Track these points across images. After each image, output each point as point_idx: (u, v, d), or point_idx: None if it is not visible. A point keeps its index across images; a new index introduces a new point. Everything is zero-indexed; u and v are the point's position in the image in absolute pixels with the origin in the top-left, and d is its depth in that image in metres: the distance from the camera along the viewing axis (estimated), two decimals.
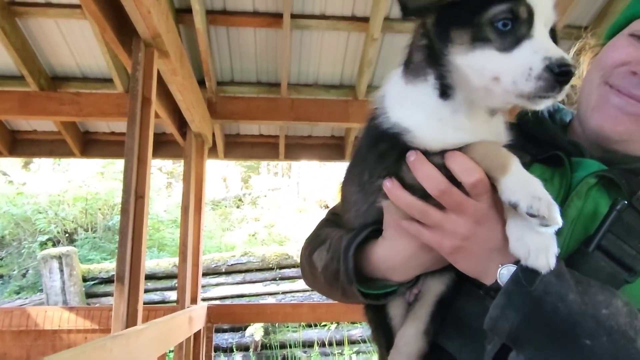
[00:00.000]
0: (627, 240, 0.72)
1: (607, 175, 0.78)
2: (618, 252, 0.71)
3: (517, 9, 0.65)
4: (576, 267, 0.71)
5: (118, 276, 1.96)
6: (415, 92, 0.76)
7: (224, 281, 7.90)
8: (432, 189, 0.71)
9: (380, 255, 0.82)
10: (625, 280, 0.71)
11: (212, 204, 13.55)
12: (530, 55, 0.63)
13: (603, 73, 0.80)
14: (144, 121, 2.18)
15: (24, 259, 8.86)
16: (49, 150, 4.67)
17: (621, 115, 0.79)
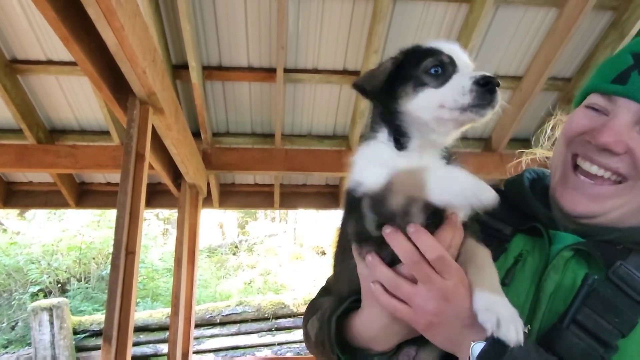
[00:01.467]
0: (603, 315, 0.72)
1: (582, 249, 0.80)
2: (594, 327, 0.71)
3: (442, 57, 0.81)
4: (552, 343, 0.72)
5: (105, 335, 1.92)
6: (375, 151, 0.84)
7: (219, 332, 7.69)
8: (406, 260, 0.73)
9: (359, 324, 0.83)
10: (602, 356, 0.71)
11: (208, 251, 13.41)
12: (460, 79, 0.77)
13: (567, 143, 0.85)
14: (137, 177, 2.21)
15: (13, 310, 8.65)
16: (44, 202, 4.67)
17: (579, 196, 0.82)
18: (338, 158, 4.10)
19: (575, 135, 0.82)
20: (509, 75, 3.78)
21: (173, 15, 3.09)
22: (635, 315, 0.71)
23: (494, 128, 4.21)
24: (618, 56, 0.85)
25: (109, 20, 1.67)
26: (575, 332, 0.72)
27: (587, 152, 0.81)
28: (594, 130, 0.79)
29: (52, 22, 1.65)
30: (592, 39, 3.51)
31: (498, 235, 0.90)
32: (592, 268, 0.79)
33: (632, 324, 0.71)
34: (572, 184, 0.82)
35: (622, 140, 0.76)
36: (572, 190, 0.82)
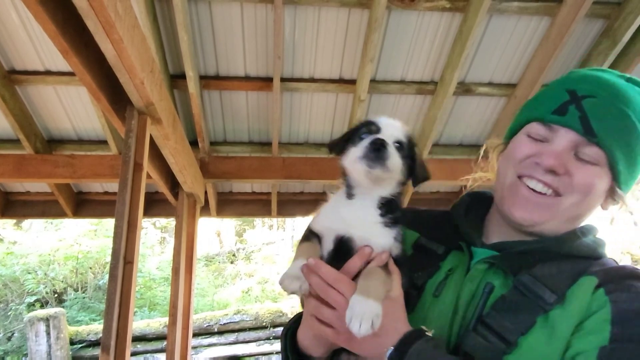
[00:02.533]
0: (506, 316, 0.86)
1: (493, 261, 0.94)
2: (498, 327, 0.85)
3: (371, 127, 1.01)
4: (462, 344, 0.87)
5: (104, 345, 1.92)
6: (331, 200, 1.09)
7: (217, 341, 7.66)
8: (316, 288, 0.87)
9: (299, 334, 0.99)
10: (504, 352, 0.83)
11: (206, 260, 13.37)
12: (366, 142, 0.95)
13: (514, 165, 0.99)
14: (135, 186, 2.22)
15: (10, 321, 8.59)
16: (41, 212, 4.67)
17: (527, 206, 0.94)
18: (335, 165, 4.11)
19: (522, 159, 0.96)
20: (503, 82, 3.82)
21: (170, 25, 3.12)
22: (533, 315, 0.85)
23: (490, 135, 4.24)
24: (554, 90, 1.00)
25: (107, 32, 1.70)
26: (481, 333, 0.86)
27: (532, 172, 0.94)
28: (541, 155, 0.93)
29: (52, 35, 1.67)
30: (584, 46, 3.56)
31: (433, 255, 1.05)
32: (507, 277, 0.93)
33: (530, 322, 0.84)
34: (520, 197, 0.95)
35: (563, 163, 0.91)
36: (521, 201, 0.94)
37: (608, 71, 1.00)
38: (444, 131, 4.25)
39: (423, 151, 4.14)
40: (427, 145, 4.10)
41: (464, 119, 4.14)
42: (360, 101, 3.66)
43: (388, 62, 3.58)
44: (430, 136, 4.01)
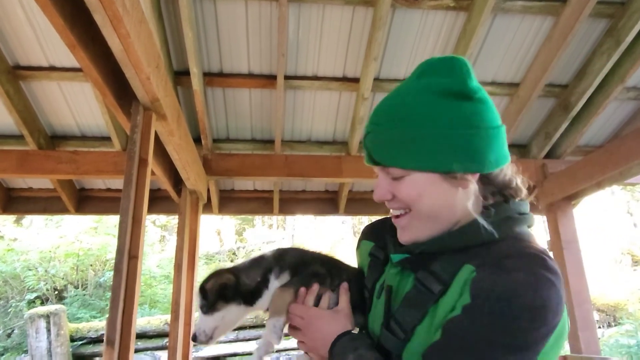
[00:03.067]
0: (408, 310, 0.95)
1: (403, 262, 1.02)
2: (402, 321, 0.95)
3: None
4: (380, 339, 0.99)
5: (108, 339, 1.93)
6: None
7: None
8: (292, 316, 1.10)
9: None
10: (403, 342, 0.94)
11: (206, 258, 13.38)
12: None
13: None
14: (140, 182, 2.22)
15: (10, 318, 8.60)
16: (44, 208, 4.67)
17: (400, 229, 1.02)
18: (338, 163, 4.13)
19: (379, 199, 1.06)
20: (506, 82, 3.82)
21: (175, 21, 3.13)
22: (426, 307, 0.92)
23: None
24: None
25: (115, 27, 1.70)
26: (392, 328, 0.96)
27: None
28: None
29: (59, 29, 1.68)
30: (588, 46, 3.57)
31: (379, 260, 1.15)
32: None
33: (423, 313, 0.92)
34: (395, 224, 1.04)
35: (385, 191, 0.98)
36: (397, 228, 1.03)
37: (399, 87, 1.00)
38: None
39: None
40: None
41: None
42: (364, 99, 3.67)
43: (392, 60, 3.59)
44: None
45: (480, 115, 0.92)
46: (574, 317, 3.72)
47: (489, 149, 0.92)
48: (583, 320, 3.68)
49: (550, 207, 4.06)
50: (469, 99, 0.93)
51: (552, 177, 4.05)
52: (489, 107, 0.95)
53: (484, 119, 0.93)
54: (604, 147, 3.61)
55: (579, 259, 3.89)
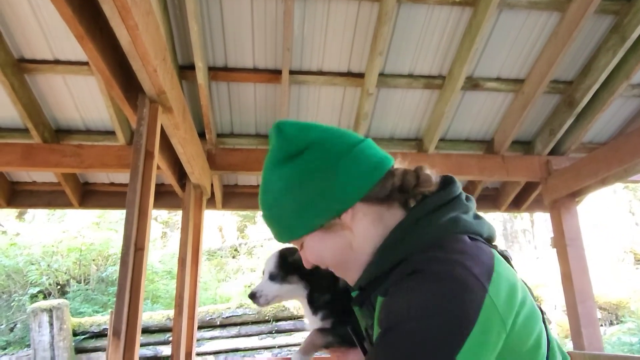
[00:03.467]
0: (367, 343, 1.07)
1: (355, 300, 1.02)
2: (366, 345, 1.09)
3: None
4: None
5: (115, 330, 1.94)
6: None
7: (219, 334, 7.69)
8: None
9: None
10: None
11: (208, 254, 13.40)
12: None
13: None
14: (146, 174, 2.23)
15: (13, 312, 8.63)
16: (47, 202, 4.68)
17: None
18: None
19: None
20: (511, 78, 3.82)
21: (181, 15, 3.12)
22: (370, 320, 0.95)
23: (496, 130, 4.25)
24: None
25: (123, 18, 1.70)
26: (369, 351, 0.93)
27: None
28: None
29: (68, 19, 1.68)
30: (593, 42, 3.56)
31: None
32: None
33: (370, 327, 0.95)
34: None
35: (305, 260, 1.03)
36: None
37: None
38: (451, 126, 4.25)
39: (429, 146, 4.14)
40: (434, 140, 4.10)
41: (471, 114, 4.14)
42: (369, 95, 3.66)
43: (397, 55, 3.58)
44: (437, 131, 4.01)
45: (317, 159, 0.92)
46: (577, 314, 3.72)
47: (344, 181, 0.91)
48: (586, 317, 3.68)
49: (554, 203, 4.06)
50: (299, 154, 0.94)
51: (556, 173, 4.05)
52: (327, 141, 0.95)
53: (325, 157, 0.92)
54: (609, 144, 3.61)
55: (582, 256, 3.89)
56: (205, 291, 9.81)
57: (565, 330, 7.67)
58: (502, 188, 5.01)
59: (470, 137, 4.40)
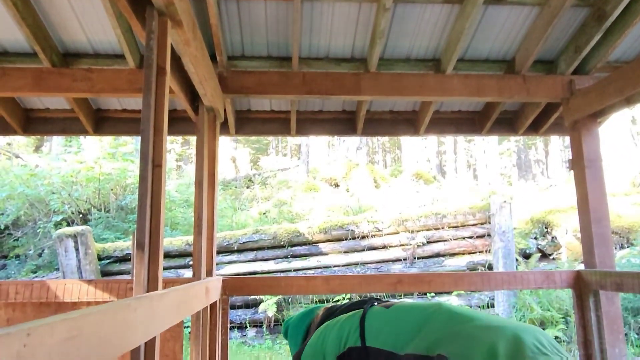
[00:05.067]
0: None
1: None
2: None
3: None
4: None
5: (138, 243, 1.99)
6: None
7: (236, 259, 7.99)
8: None
9: None
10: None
11: (223, 185, 13.63)
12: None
13: None
14: (159, 90, 2.19)
15: (39, 238, 9.02)
16: (62, 129, 4.70)
17: None
18: (356, 81, 4.02)
19: None
20: None
21: None
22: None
23: (518, 49, 4.06)
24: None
25: None
26: None
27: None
28: None
29: None
30: None
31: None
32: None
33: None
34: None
35: None
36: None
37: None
38: (470, 45, 4.07)
39: (447, 67, 4.00)
40: (452, 60, 3.95)
41: (492, 31, 3.94)
42: (385, 10, 3.48)
43: None
44: (456, 50, 3.85)
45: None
46: (590, 234, 3.75)
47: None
48: (600, 236, 3.70)
49: (575, 124, 3.96)
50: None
51: (579, 93, 3.91)
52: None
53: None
54: (637, 60, 3.43)
55: (600, 177, 3.85)
56: (222, 218, 10.09)
57: (575, 254, 7.82)
58: (521, 110, 4.88)
59: (490, 56, 4.22)
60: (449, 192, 11.42)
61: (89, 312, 1.27)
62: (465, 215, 8.18)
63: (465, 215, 8.18)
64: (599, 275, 3.50)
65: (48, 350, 0.98)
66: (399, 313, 1.52)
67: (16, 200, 9.36)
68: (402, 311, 1.53)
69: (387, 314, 1.51)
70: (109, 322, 1.34)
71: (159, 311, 1.83)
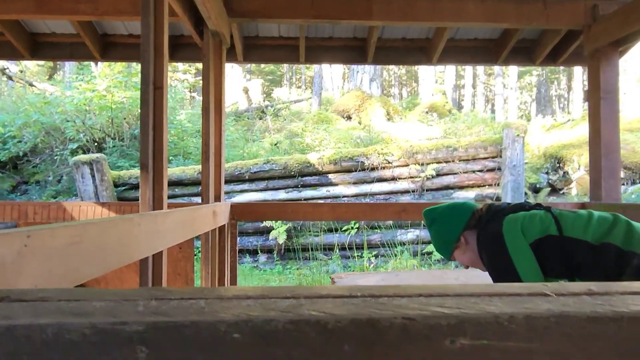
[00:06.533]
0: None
1: None
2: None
3: None
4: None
5: (142, 164, 2.04)
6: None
7: (248, 188, 8.16)
8: None
9: None
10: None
11: (235, 116, 13.60)
12: None
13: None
14: (158, 10, 2.13)
15: (57, 165, 9.25)
16: (69, 54, 4.67)
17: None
18: (367, 5, 3.85)
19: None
20: None
21: None
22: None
23: None
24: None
25: None
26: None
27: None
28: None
29: None
30: None
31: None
32: None
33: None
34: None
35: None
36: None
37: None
38: None
39: None
40: None
41: None
42: None
43: None
44: None
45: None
46: (599, 167, 3.72)
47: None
48: (609, 169, 3.67)
49: (594, 53, 3.79)
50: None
51: (602, 19, 3.71)
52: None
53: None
54: None
55: (615, 109, 3.75)
56: (233, 149, 10.17)
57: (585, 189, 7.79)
58: (540, 38, 4.67)
59: None
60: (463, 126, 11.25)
61: (92, 221, 1.34)
62: (477, 149, 8.11)
63: (477, 148, 8.11)
64: (603, 207, 3.51)
65: (49, 252, 1.04)
66: (584, 215, 1.69)
67: (32, 128, 9.51)
68: (587, 214, 1.70)
69: (574, 214, 1.70)
70: (111, 232, 1.41)
71: (164, 228, 1.91)
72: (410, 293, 0.46)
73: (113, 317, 0.39)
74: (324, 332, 0.39)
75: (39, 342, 0.37)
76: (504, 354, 0.40)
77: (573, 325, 0.40)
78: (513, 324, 0.40)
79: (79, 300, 0.44)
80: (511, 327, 0.40)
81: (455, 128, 11.10)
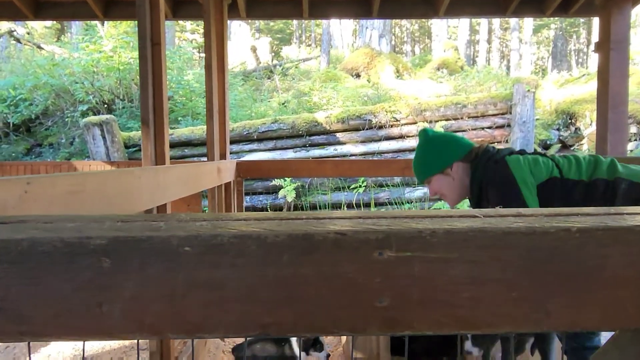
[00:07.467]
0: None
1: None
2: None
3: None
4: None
5: (143, 120, 2.09)
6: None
7: (256, 147, 8.21)
8: None
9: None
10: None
11: (243, 75, 13.49)
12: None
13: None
14: None
15: (68, 127, 9.37)
16: (72, 13, 4.66)
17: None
18: None
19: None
20: None
21: None
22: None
23: None
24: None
25: None
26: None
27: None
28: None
29: None
30: None
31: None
32: None
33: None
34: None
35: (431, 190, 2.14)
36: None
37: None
38: None
39: None
40: None
41: None
42: None
43: None
44: None
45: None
46: (606, 120, 3.67)
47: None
48: (615, 123, 3.63)
49: (606, 3, 3.67)
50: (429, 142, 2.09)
51: None
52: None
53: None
54: None
55: (625, 60, 3.66)
56: (241, 108, 10.16)
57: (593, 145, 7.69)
58: None
59: None
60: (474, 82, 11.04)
61: (92, 172, 1.40)
62: (486, 105, 7.99)
63: (486, 105, 7.99)
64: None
65: (49, 199, 1.11)
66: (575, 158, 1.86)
67: (42, 90, 9.57)
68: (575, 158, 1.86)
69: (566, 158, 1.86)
70: (112, 183, 1.47)
71: (166, 182, 1.97)
72: (351, 216, 0.51)
73: (80, 232, 0.45)
74: (264, 245, 0.44)
75: (15, 252, 0.43)
76: (426, 263, 0.44)
77: (489, 238, 0.45)
78: (435, 238, 0.45)
79: (53, 222, 0.49)
80: (433, 240, 0.45)
81: (466, 85, 10.90)
